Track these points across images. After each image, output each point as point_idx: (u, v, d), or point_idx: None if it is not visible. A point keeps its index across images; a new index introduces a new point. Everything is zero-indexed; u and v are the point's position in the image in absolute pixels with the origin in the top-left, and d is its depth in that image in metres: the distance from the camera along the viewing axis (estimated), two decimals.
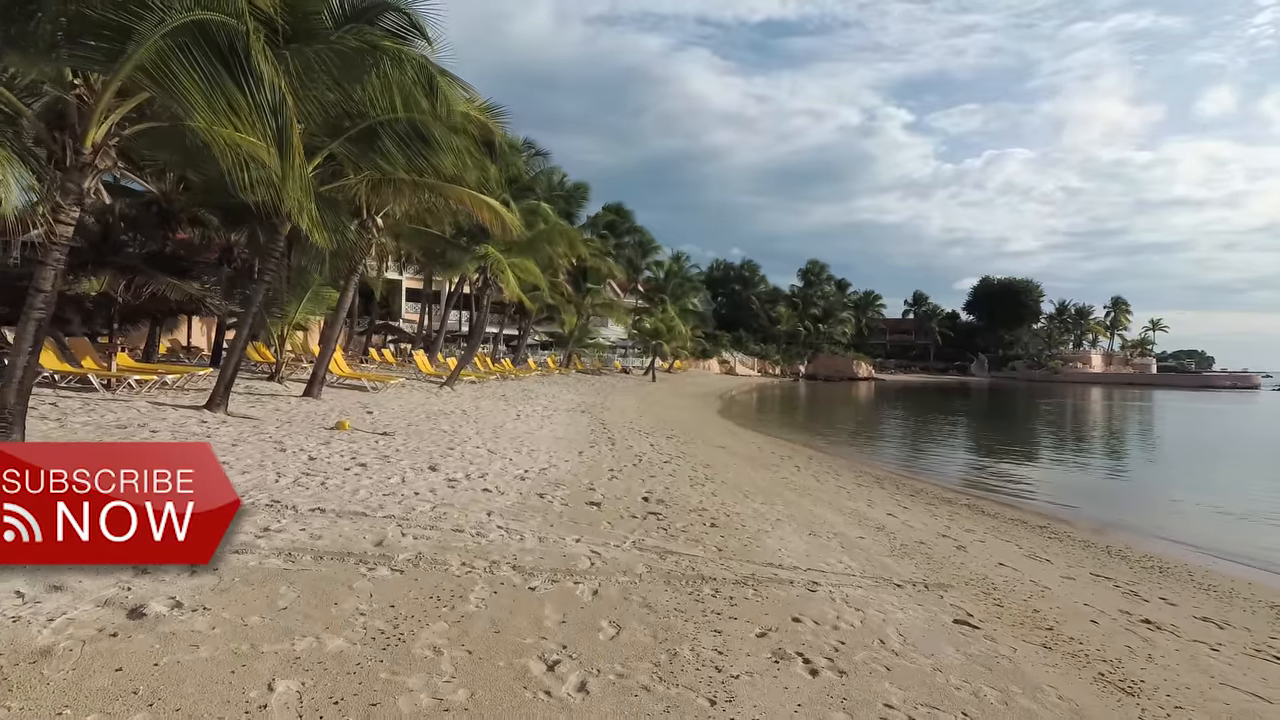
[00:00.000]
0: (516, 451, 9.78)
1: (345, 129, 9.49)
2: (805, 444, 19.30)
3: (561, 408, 18.45)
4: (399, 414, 12.71)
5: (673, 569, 5.10)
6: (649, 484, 8.51)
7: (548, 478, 8.16)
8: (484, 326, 22.56)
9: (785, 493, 9.61)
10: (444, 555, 4.80)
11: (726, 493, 8.71)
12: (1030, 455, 20.56)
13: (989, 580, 6.00)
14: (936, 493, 11.63)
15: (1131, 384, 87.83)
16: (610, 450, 11.30)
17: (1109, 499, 12.75)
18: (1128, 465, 19.09)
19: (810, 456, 15.42)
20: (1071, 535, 8.84)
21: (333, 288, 15.43)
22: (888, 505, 9.68)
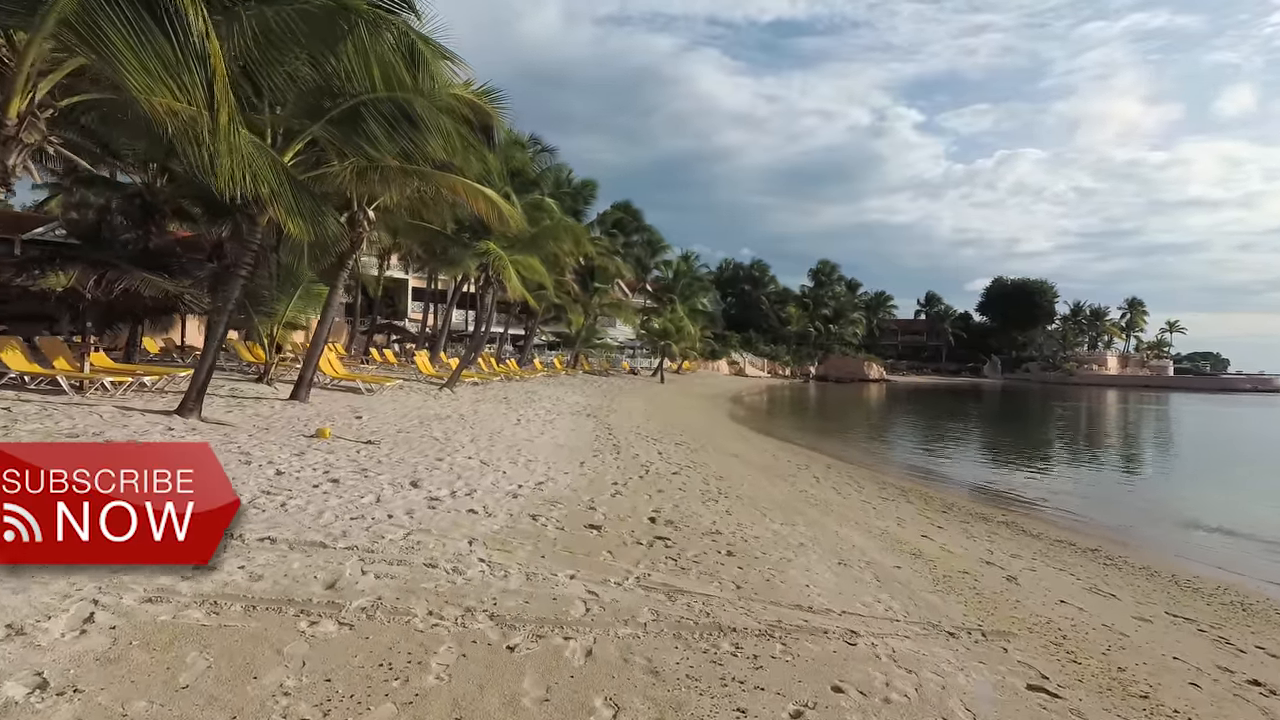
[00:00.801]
0: (512, 463, 8.96)
1: (326, 110, 8.71)
2: (821, 450, 18.40)
3: (565, 411, 17.63)
4: (390, 419, 11.92)
5: (684, 615, 4.27)
6: (657, 500, 7.68)
7: (544, 494, 7.33)
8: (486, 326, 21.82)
9: (806, 509, 8.75)
10: (408, 601, 3.98)
11: (742, 510, 7.86)
12: (1057, 463, 19.60)
13: (1054, 625, 5.13)
14: (968, 507, 10.73)
15: (1148, 386, 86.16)
16: (615, 460, 10.47)
17: (1156, 514, 11.80)
18: (1166, 475, 18.08)
19: (828, 465, 14.54)
20: (1129, 560, 7.94)
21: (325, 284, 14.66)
22: (919, 524, 8.80)
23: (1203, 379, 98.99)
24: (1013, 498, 12.67)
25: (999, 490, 13.68)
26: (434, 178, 10.32)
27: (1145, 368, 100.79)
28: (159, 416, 9.19)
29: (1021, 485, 14.57)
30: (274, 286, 13.89)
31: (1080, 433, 30.56)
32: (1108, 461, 20.81)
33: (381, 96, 8.30)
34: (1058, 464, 19.46)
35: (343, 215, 11.89)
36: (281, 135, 9.35)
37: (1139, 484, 16.59)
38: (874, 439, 24.55)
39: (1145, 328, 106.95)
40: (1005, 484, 14.49)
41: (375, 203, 12.43)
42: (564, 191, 34.80)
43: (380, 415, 12.27)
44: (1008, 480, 15.18)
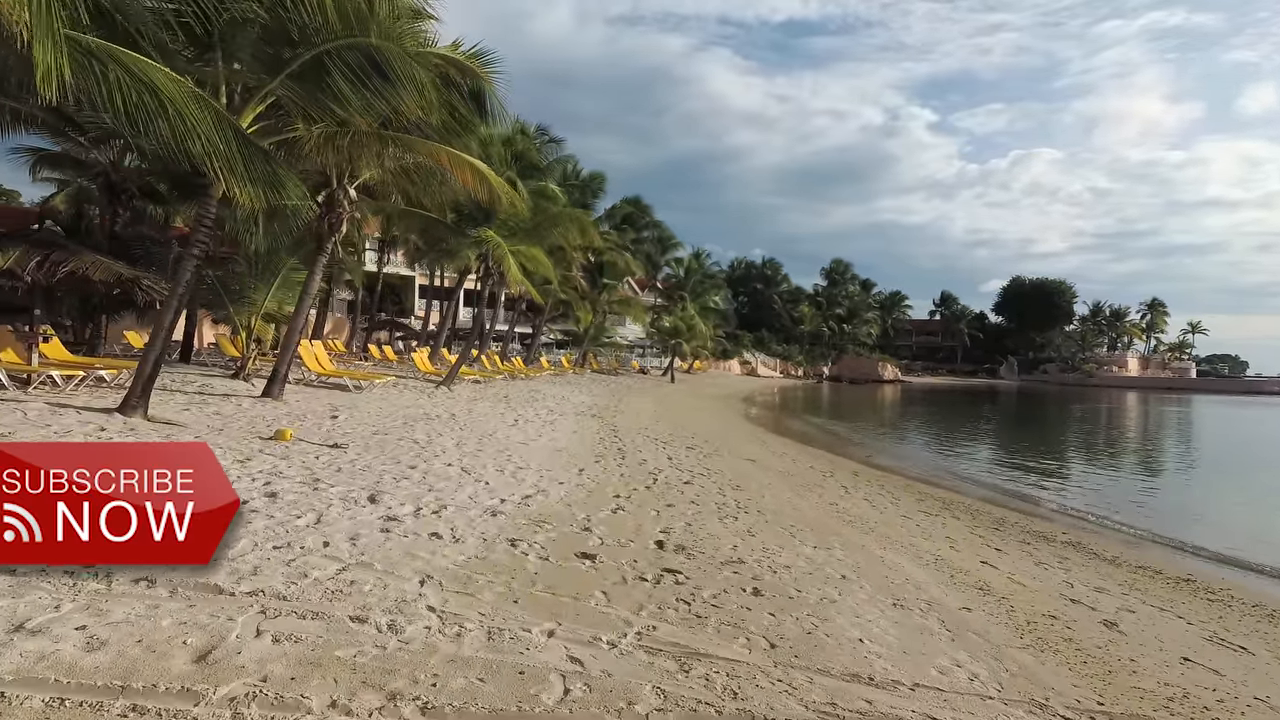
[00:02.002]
0: (499, 471, 7.76)
1: (286, 62, 7.54)
2: (844, 454, 17.11)
3: (569, 411, 16.43)
4: (370, 419, 10.75)
5: (700, 697, 3.04)
6: (665, 517, 6.45)
7: (531, 510, 6.12)
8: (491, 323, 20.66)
9: (841, 528, 7.49)
10: (306, 682, 2.77)
11: (767, 529, 6.61)
12: (1100, 469, 18.20)
13: (1194, 699, 3.85)
14: (1023, 523, 9.42)
15: (1170, 389, 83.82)
16: (619, 466, 9.25)
17: (1232, 529, 10.42)
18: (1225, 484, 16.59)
19: (854, 472, 13.24)
20: (1233, 594, 6.61)
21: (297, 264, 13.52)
22: (974, 545, 7.52)
23: (1227, 381, 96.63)
24: (1066, 510, 11.33)
25: (1044, 499, 12.35)
26: (413, 145, 9.12)
27: (1167, 369, 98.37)
28: (96, 415, 8.05)
29: (1069, 494, 13.22)
30: (253, 274, 12.74)
31: (1114, 436, 29.01)
32: (1155, 467, 19.37)
33: (345, 44, 7.12)
34: (1100, 470, 18.05)
35: (320, 194, 10.74)
36: (240, 94, 8.19)
37: (1198, 493, 15.16)
38: (898, 441, 23.19)
39: (1166, 329, 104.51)
40: (1051, 494, 13.15)
41: (358, 181, 11.27)
42: (571, 184, 33.63)
43: (361, 415, 11.11)
44: (1052, 488, 13.83)
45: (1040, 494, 13.05)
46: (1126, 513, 11.24)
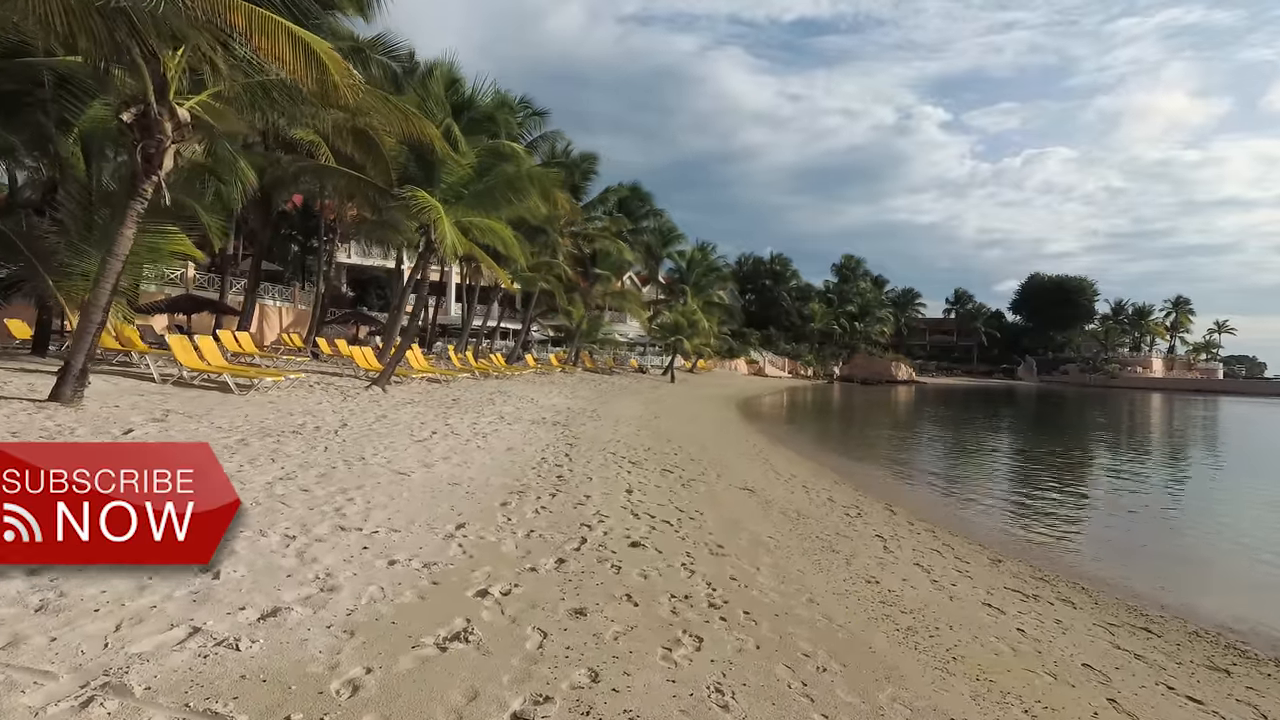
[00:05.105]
0: (286, 540, 4.45)
1: None
2: (868, 476, 13.76)
3: (524, 419, 13.13)
4: (203, 433, 7.48)
5: None
6: (546, 666, 3.12)
7: (247, 666, 2.81)
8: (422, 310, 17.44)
9: (904, 656, 4.11)
10: None
11: (758, 675, 3.27)
12: (1176, 498, 14.76)
13: None
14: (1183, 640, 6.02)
15: (1198, 390, 79.75)
16: (539, 514, 5.93)
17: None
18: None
19: (889, 511, 9.84)
20: None
21: (173, 227, 10.26)
22: (1153, 699, 4.15)
23: (1258, 383, 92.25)
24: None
25: (1123, 557, 8.94)
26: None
27: (1193, 370, 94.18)
28: None
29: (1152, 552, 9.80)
30: (77, 237, 9.51)
31: (1193, 456, 25.42)
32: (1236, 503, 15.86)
33: None
34: (1180, 500, 14.61)
35: (127, 112, 7.48)
36: None
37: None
38: (931, 458, 19.75)
39: (1191, 328, 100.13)
40: (1123, 539, 9.71)
41: (196, 99, 8.00)
42: (559, 162, 30.33)
43: (194, 426, 7.84)
44: (1126, 537, 10.39)
45: (1121, 542, 9.61)
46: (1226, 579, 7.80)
